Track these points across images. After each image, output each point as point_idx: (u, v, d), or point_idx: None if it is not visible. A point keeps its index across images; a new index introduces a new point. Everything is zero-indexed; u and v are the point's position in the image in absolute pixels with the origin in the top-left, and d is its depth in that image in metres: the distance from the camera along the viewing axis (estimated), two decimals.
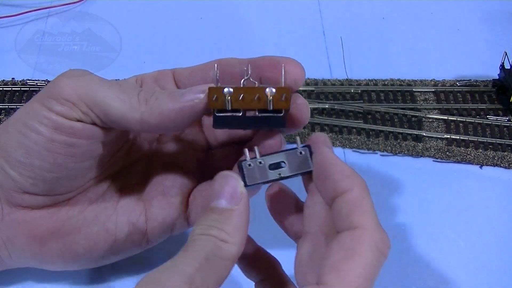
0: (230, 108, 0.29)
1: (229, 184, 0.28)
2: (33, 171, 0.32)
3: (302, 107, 0.32)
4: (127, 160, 0.37)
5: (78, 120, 0.31)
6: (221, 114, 0.30)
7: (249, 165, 0.29)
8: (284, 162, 0.30)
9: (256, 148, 0.30)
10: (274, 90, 0.29)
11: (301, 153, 0.30)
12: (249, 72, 0.31)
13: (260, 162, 0.29)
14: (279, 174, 0.30)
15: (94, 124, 0.31)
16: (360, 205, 0.27)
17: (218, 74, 0.31)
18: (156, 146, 0.38)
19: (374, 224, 0.26)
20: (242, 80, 0.31)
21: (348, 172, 0.28)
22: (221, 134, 0.37)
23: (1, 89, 0.52)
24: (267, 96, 0.29)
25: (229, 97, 0.29)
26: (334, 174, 0.28)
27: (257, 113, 0.30)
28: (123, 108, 0.30)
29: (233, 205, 0.28)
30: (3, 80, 0.53)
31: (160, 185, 0.37)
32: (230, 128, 0.33)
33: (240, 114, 0.30)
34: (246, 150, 0.30)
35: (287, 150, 0.30)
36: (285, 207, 0.33)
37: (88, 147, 0.32)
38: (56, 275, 0.39)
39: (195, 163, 0.37)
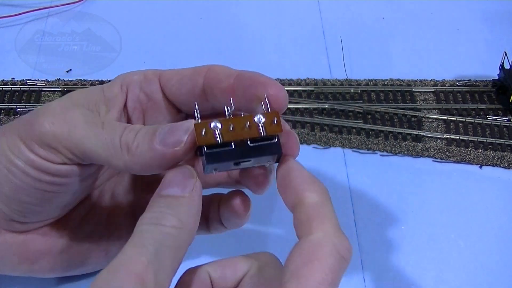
0: (221, 141, 0.27)
1: (181, 173, 0.27)
2: (22, 205, 0.31)
3: (290, 135, 0.30)
4: (113, 173, 0.37)
5: (63, 164, 0.30)
6: (213, 150, 0.27)
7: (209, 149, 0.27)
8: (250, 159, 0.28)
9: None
10: (262, 117, 0.27)
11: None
12: (233, 106, 0.29)
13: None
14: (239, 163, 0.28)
15: (79, 164, 0.30)
16: (319, 211, 0.26)
17: (198, 112, 0.29)
18: None
19: (333, 229, 0.26)
20: (227, 112, 0.29)
21: (308, 179, 0.27)
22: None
23: (1, 89, 0.52)
24: (257, 124, 0.27)
25: (219, 130, 0.27)
26: (294, 181, 0.27)
27: (249, 143, 0.27)
28: (107, 155, 0.29)
29: (185, 192, 0.27)
30: (3, 80, 0.53)
31: (147, 196, 0.36)
32: (221, 169, 0.29)
33: (233, 147, 0.27)
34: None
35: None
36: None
37: (76, 182, 0.32)
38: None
39: None
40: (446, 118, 0.51)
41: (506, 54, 0.53)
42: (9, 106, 0.51)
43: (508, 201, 0.47)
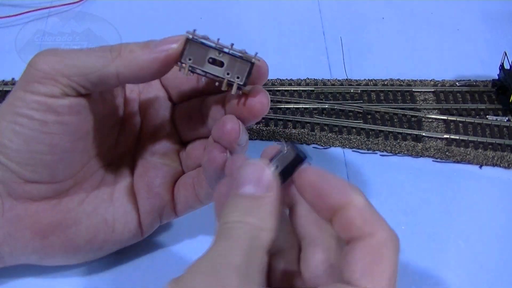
0: (206, 40, 0.32)
1: (258, 171, 0.28)
2: (32, 156, 0.33)
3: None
4: (115, 153, 0.39)
5: (64, 95, 0.32)
6: (195, 39, 0.32)
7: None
8: (223, 63, 0.32)
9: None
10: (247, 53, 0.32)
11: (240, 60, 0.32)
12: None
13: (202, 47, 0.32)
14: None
15: (79, 95, 0.32)
16: (370, 213, 0.28)
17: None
18: (138, 138, 0.39)
19: (387, 226, 0.27)
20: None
21: (344, 182, 0.28)
22: (184, 86, 0.38)
23: (1, 89, 0.52)
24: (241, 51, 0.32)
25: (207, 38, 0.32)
26: (332, 185, 0.27)
27: (228, 51, 0.32)
28: (98, 64, 0.32)
29: (264, 192, 0.27)
30: (3, 80, 0.53)
31: (145, 176, 0.38)
32: (195, 63, 0.32)
33: (213, 44, 0.32)
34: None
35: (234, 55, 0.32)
36: None
37: (80, 123, 0.34)
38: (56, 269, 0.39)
39: (174, 155, 0.39)
40: (446, 118, 0.51)
41: (506, 54, 0.53)
42: None
43: (508, 201, 0.47)
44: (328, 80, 0.55)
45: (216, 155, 0.34)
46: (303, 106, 0.52)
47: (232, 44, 0.32)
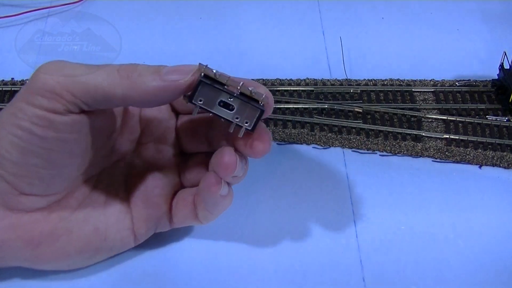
0: (217, 78, 0.31)
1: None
2: (29, 170, 0.32)
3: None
4: (109, 160, 0.38)
5: (66, 112, 0.31)
6: (208, 80, 0.31)
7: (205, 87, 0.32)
8: (234, 107, 0.32)
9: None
10: (255, 90, 0.32)
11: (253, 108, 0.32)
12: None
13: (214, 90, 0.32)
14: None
15: (82, 112, 0.32)
16: None
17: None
18: (136, 147, 0.39)
19: None
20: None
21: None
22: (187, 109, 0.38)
23: (1, 89, 0.52)
24: (250, 89, 0.32)
25: (219, 73, 0.31)
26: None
27: (238, 92, 0.32)
28: (104, 84, 0.31)
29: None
30: (3, 80, 0.53)
31: (143, 185, 0.38)
32: (206, 105, 0.32)
33: (225, 87, 0.32)
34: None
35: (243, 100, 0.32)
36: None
37: (79, 140, 0.33)
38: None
39: (174, 166, 0.39)
40: (445, 118, 0.51)
41: (505, 54, 0.53)
42: None
43: (507, 201, 0.47)
44: (328, 80, 0.55)
45: (211, 184, 0.34)
46: (303, 106, 0.52)
47: (242, 83, 0.32)
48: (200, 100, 0.32)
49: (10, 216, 0.34)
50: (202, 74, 0.31)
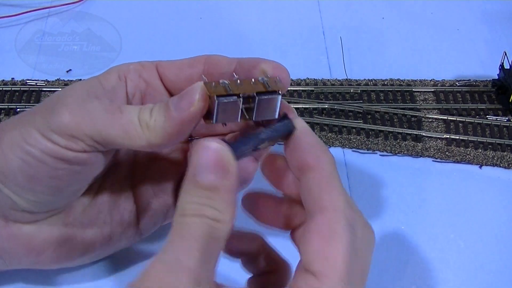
0: (230, 92, 0.28)
1: (216, 155, 0.26)
2: (35, 195, 0.31)
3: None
4: (113, 161, 0.37)
5: (82, 151, 0.30)
6: (223, 99, 0.28)
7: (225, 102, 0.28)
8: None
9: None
10: (266, 77, 0.29)
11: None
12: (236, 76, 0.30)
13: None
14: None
15: (98, 150, 0.31)
16: (331, 182, 0.26)
17: (205, 78, 0.30)
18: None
19: (345, 203, 0.26)
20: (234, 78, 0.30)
21: (320, 146, 0.27)
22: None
23: (1, 89, 0.52)
24: (262, 81, 0.29)
25: (227, 85, 0.28)
26: (307, 144, 0.27)
27: (255, 94, 0.28)
28: (130, 137, 0.29)
29: (222, 179, 0.25)
30: (3, 80, 0.53)
31: (149, 175, 0.37)
32: (228, 120, 0.30)
33: (241, 98, 0.28)
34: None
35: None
36: (279, 169, 0.31)
37: (90, 170, 0.32)
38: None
39: (180, 153, 0.38)
40: (446, 118, 0.51)
41: (506, 54, 0.53)
42: (9, 106, 0.50)
43: (508, 201, 0.47)
44: (328, 80, 0.55)
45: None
46: (303, 106, 0.52)
47: (254, 81, 0.29)
48: (223, 119, 0.29)
49: (12, 227, 0.33)
50: (215, 95, 0.28)
